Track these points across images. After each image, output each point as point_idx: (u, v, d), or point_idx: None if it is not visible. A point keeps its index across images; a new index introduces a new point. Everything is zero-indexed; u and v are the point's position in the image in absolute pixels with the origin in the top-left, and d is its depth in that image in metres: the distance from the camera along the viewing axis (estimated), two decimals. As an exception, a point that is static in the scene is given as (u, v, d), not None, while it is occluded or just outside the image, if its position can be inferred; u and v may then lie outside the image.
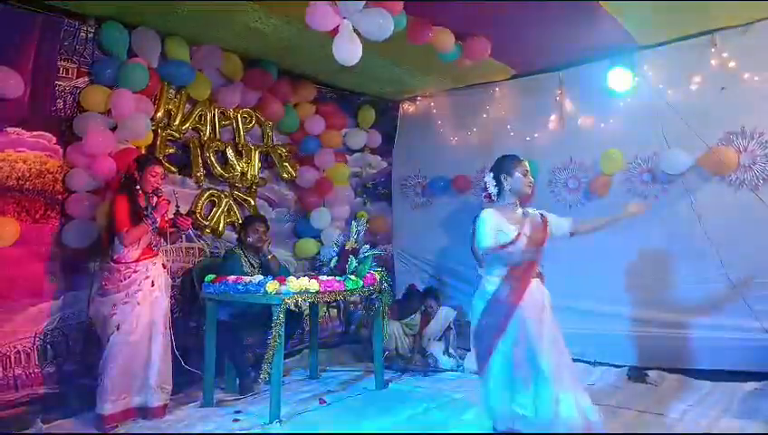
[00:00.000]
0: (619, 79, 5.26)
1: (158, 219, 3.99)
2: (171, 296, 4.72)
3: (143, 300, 3.88)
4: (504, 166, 3.35)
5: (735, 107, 4.77)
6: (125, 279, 3.88)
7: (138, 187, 3.97)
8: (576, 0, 4.15)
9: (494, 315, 3.18)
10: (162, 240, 4.19)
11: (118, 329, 3.80)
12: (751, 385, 4.34)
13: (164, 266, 4.16)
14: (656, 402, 4.17)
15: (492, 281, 3.22)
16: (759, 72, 4.69)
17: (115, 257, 3.91)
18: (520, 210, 3.36)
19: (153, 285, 3.97)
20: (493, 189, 3.35)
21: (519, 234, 3.20)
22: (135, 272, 3.91)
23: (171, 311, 4.24)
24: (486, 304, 3.22)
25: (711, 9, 4.44)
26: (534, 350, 3.09)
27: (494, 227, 3.19)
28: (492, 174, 3.37)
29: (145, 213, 3.93)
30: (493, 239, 3.17)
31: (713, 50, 4.87)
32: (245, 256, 4.78)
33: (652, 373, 4.76)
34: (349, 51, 3.71)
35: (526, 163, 3.36)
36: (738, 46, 4.78)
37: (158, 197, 4.02)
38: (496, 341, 3.14)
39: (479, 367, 3.28)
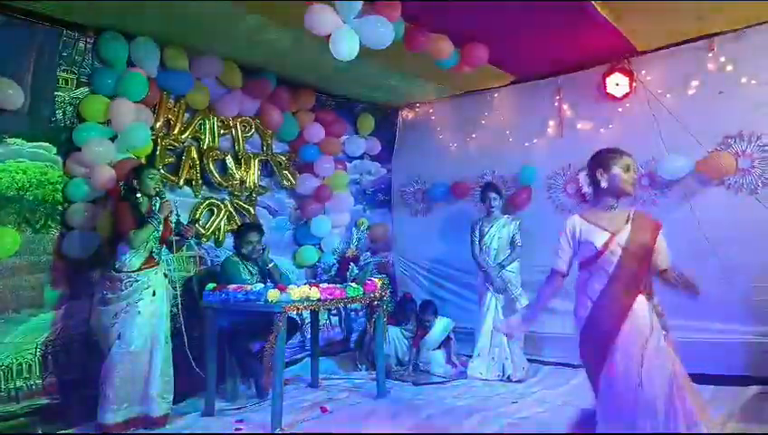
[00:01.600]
0: (617, 84, 5.28)
1: (162, 219, 4.02)
2: (173, 305, 4.74)
3: (144, 310, 3.89)
4: (600, 160, 2.83)
5: (733, 111, 4.79)
6: (126, 289, 3.88)
7: (138, 193, 4.01)
8: (572, 0, 4.15)
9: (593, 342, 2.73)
10: (167, 249, 4.22)
11: (119, 339, 3.81)
12: (754, 389, 4.34)
13: (165, 276, 4.16)
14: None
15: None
16: (756, 75, 4.72)
17: (117, 266, 3.92)
18: (618, 211, 2.82)
19: (154, 295, 3.98)
20: (587, 188, 2.89)
21: (612, 237, 2.72)
22: (137, 281, 3.92)
23: (175, 319, 4.24)
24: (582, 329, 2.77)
25: (708, 13, 4.46)
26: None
27: (571, 238, 2.80)
28: (586, 171, 2.88)
29: (149, 215, 3.97)
30: (567, 254, 2.82)
31: (710, 54, 4.90)
32: (243, 264, 4.79)
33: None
34: (347, 46, 3.72)
35: (628, 158, 2.81)
36: (735, 51, 4.81)
37: (161, 199, 4.08)
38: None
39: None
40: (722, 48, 4.86)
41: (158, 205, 4.06)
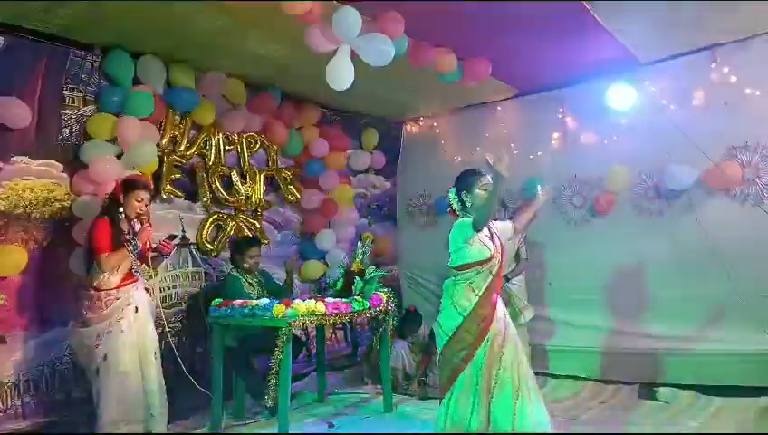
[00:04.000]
0: (621, 96, 5.28)
1: (140, 245, 3.87)
2: (178, 321, 4.74)
3: (128, 328, 3.73)
4: (463, 182, 3.41)
5: (738, 121, 4.76)
6: (107, 307, 3.72)
7: (121, 211, 3.84)
8: (572, 1, 4.13)
9: (470, 333, 3.21)
10: (144, 265, 4.00)
11: (105, 359, 3.65)
12: (765, 400, 4.30)
13: (147, 291, 4.05)
14: (668, 420, 4.12)
15: (470, 297, 3.25)
16: (760, 86, 4.69)
17: (95, 284, 3.74)
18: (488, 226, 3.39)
19: (137, 311, 3.82)
20: (456, 205, 3.43)
21: (499, 248, 3.35)
22: (117, 299, 3.75)
23: (175, 336, 4.21)
24: (462, 320, 3.23)
25: (710, 24, 4.46)
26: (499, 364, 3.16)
27: (478, 239, 3.27)
28: (454, 190, 3.45)
29: (127, 238, 3.79)
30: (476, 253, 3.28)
31: (713, 65, 4.89)
32: (244, 278, 4.79)
33: (663, 390, 4.71)
34: (341, 76, 3.74)
35: (487, 178, 3.36)
36: (739, 61, 4.79)
37: (142, 222, 3.91)
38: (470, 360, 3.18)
39: (443, 387, 3.29)
40: (725, 59, 4.85)
41: (138, 227, 3.89)
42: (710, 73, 4.91)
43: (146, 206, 3.94)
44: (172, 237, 4.17)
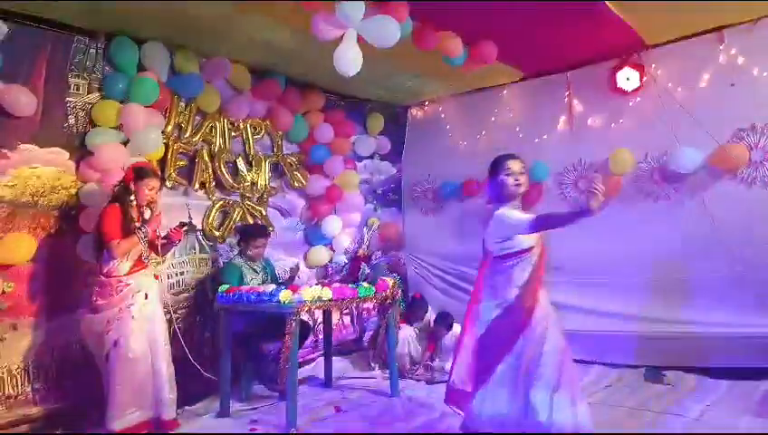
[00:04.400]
0: (628, 78, 5.25)
1: (150, 232, 3.90)
2: (186, 308, 4.77)
3: (138, 314, 3.76)
4: (491, 169, 3.23)
5: (745, 103, 4.73)
6: (117, 293, 3.75)
7: (132, 198, 3.85)
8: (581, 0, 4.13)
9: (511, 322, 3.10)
10: (153, 253, 4.04)
11: (115, 345, 3.67)
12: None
13: (156, 278, 4.09)
14: (674, 403, 4.14)
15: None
16: (767, 68, 4.66)
17: (105, 271, 3.78)
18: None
19: (147, 298, 3.84)
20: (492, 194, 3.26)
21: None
22: (127, 285, 3.78)
23: (184, 322, 4.23)
24: (503, 310, 3.14)
25: (717, 6, 4.42)
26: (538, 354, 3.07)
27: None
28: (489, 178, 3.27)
29: (137, 226, 3.81)
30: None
31: (721, 47, 4.85)
32: (247, 264, 4.80)
33: (669, 373, 4.73)
34: (348, 61, 3.70)
35: (511, 162, 3.17)
36: (747, 42, 4.76)
37: (152, 210, 3.93)
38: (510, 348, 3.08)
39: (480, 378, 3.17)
40: (733, 40, 4.81)
41: (148, 215, 3.91)
42: (718, 55, 4.88)
43: (156, 193, 3.96)
44: (182, 225, 4.21)
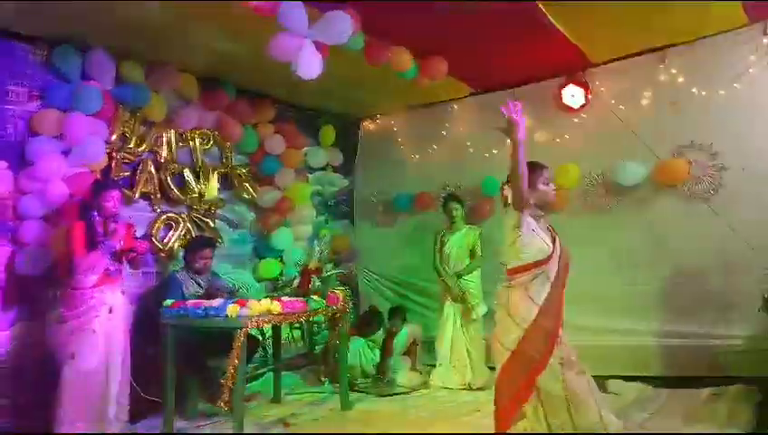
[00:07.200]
0: (573, 96, 5.40)
1: (116, 245, 3.93)
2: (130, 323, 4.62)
3: (99, 328, 3.79)
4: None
5: (685, 121, 4.93)
6: (82, 306, 3.78)
7: (95, 212, 3.91)
8: (526, 1, 4.19)
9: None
10: (123, 266, 4.10)
11: (72, 358, 3.70)
12: (707, 390, 4.43)
13: (123, 293, 4.08)
14: (620, 412, 4.21)
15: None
16: (706, 87, 4.87)
17: (73, 284, 3.81)
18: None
19: (111, 312, 3.88)
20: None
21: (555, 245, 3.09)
22: (92, 298, 3.82)
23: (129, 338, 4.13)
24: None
25: (658, 26, 4.58)
26: None
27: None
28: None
29: (101, 239, 3.86)
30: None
31: (662, 66, 5.04)
32: (191, 278, 4.69)
33: (612, 382, 4.81)
34: (308, 65, 3.71)
35: (546, 171, 3.21)
36: (686, 62, 4.96)
37: (116, 222, 3.97)
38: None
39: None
40: (673, 60, 5.00)
41: (112, 228, 3.94)
42: (659, 74, 5.06)
43: (119, 203, 4.06)
44: (146, 237, 4.33)
